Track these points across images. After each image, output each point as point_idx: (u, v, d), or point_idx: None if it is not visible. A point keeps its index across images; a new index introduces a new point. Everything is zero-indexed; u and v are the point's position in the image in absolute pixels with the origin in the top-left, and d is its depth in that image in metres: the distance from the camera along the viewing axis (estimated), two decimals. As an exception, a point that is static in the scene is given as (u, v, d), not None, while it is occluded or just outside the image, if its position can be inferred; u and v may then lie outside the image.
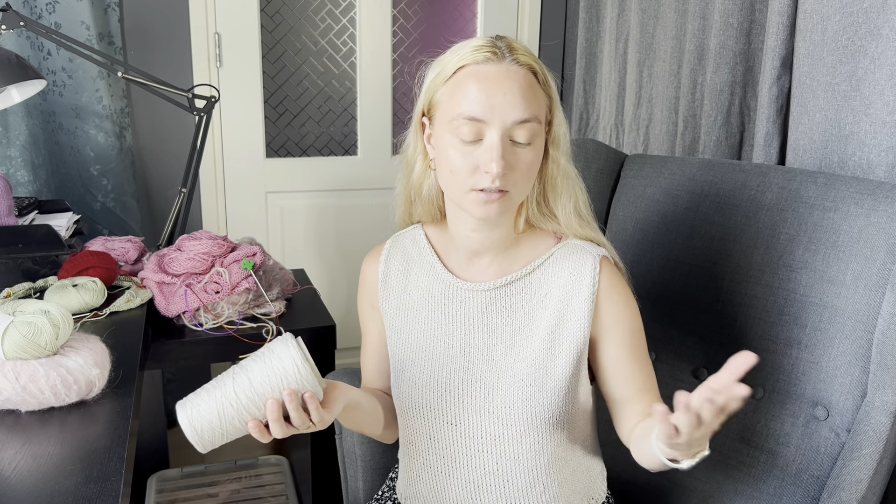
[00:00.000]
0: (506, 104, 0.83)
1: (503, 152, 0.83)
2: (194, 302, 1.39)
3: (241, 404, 0.80)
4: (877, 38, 1.17)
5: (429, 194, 0.96)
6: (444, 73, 0.88)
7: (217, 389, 0.81)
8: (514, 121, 0.84)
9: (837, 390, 1.02)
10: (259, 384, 0.80)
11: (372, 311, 1.05)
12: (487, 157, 0.83)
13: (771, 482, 1.06)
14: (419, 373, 0.98)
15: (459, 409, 0.95)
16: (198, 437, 0.80)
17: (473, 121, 0.84)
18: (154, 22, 2.06)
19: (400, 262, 1.02)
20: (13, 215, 1.52)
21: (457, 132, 0.85)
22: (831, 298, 1.03)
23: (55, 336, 0.89)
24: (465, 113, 0.84)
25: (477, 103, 0.83)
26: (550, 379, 0.92)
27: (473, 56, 0.85)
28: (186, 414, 0.80)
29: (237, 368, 0.83)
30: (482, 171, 0.84)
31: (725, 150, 1.64)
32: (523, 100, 0.84)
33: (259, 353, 0.84)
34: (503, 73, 0.84)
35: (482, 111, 0.83)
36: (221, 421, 0.80)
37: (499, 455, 0.95)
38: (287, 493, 1.85)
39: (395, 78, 2.38)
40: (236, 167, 2.26)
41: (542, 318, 0.94)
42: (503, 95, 0.83)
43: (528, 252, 0.96)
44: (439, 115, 0.88)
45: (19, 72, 1.50)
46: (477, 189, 0.85)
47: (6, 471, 0.74)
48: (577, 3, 2.37)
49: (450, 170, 0.86)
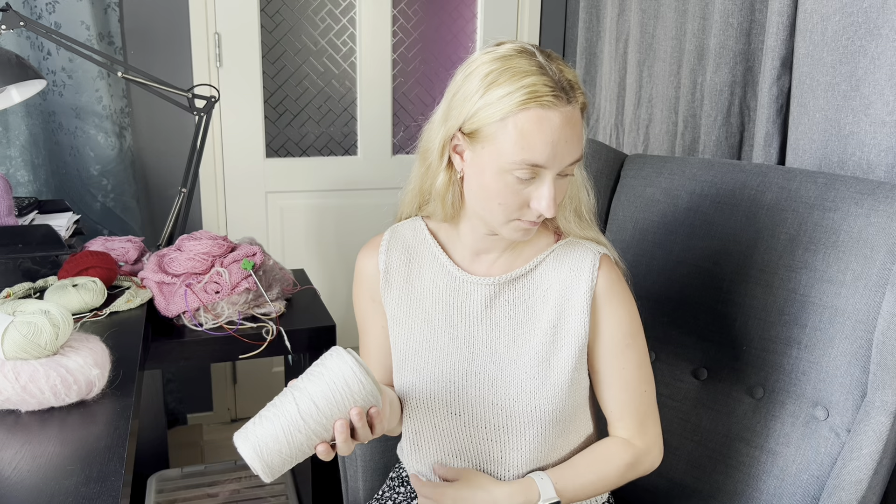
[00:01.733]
0: (566, 152, 0.83)
1: (555, 193, 0.85)
2: (194, 302, 1.39)
3: (310, 428, 0.78)
4: (877, 38, 1.17)
5: (452, 200, 0.93)
6: (500, 108, 0.81)
7: (281, 416, 0.78)
8: (569, 163, 0.85)
9: (837, 390, 1.02)
10: (325, 406, 0.78)
11: (373, 304, 1.04)
12: (544, 203, 0.84)
13: (771, 482, 1.06)
14: (423, 363, 0.98)
15: (463, 400, 0.96)
16: (267, 467, 0.78)
17: (535, 167, 0.83)
18: (154, 22, 2.06)
19: (401, 254, 1.02)
20: (13, 215, 1.52)
21: (515, 173, 0.83)
22: (831, 298, 1.03)
23: (55, 336, 0.89)
24: (528, 160, 0.82)
25: (542, 154, 0.82)
26: (553, 372, 0.93)
27: (537, 97, 0.80)
28: (251, 445, 0.77)
29: (296, 392, 0.80)
30: (532, 210, 0.86)
31: (725, 150, 1.64)
32: (578, 142, 0.84)
33: (315, 371, 0.81)
34: (567, 119, 0.82)
35: (546, 160, 0.82)
36: (291, 448, 0.78)
37: (502, 445, 0.96)
38: (287, 493, 1.85)
39: (395, 78, 2.38)
40: (236, 167, 2.26)
41: (543, 313, 0.95)
42: (566, 144, 0.83)
43: (530, 248, 0.98)
44: (490, 149, 0.83)
45: (19, 72, 1.50)
46: (521, 220, 0.87)
47: (6, 471, 0.74)
48: (577, 3, 2.37)
49: (498, 202, 0.86)
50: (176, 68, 2.11)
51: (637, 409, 0.97)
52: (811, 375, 1.05)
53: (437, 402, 0.98)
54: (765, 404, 1.09)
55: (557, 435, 0.96)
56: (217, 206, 2.26)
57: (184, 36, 2.10)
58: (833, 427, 1.02)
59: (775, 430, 1.07)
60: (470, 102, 0.84)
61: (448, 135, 0.87)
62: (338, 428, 0.79)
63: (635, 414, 0.97)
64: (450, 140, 0.88)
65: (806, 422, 1.05)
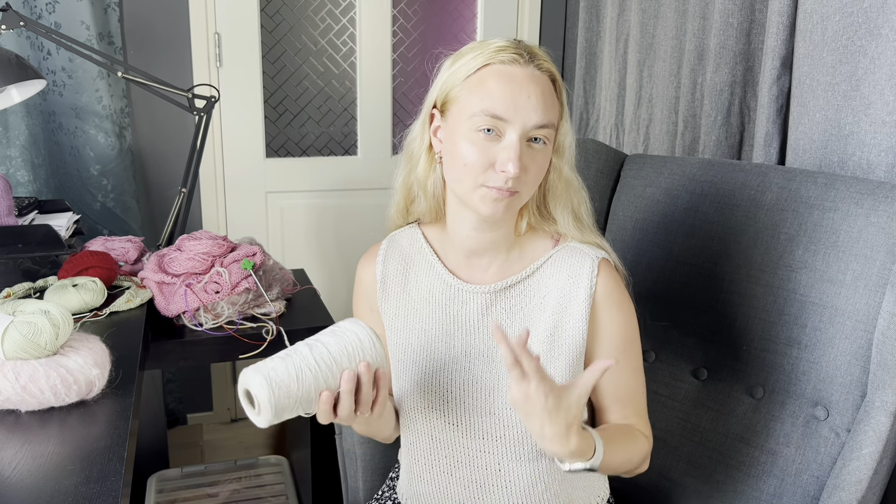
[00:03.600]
0: (528, 107, 0.84)
1: (521, 153, 0.84)
2: (194, 302, 1.39)
3: (320, 371, 0.79)
4: (877, 38, 1.17)
5: (433, 189, 0.95)
6: (464, 70, 0.87)
7: (293, 356, 0.80)
8: (534, 124, 0.84)
9: (837, 390, 1.02)
10: (337, 353, 0.80)
11: (371, 314, 1.04)
12: (505, 157, 0.84)
13: (771, 482, 1.06)
14: (421, 373, 0.97)
15: (461, 410, 0.95)
16: (273, 401, 0.77)
17: (495, 118, 0.84)
18: (154, 22, 2.06)
19: (398, 263, 1.01)
20: (13, 215, 1.52)
21: (477, 126, 0.85)
22: (831, 298, 1.03)
23: (55, 336, 0.89)
24: (488, 109, 0.84)
25: (501, 101, 0.84)
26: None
27: (498, 56, 0.86)
28: (263, 375, 0.77)
29: (309, 340, 0.82)
30: (497, 170, 0.85)
31: (725, 150, 1.64)
32: (544, 105, 0.85)
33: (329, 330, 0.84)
34: (528, 77, 0.85)
35: (505, 110, 0.84)
36: (299, 386, 0.78)
37: (501, 455, 0.95)
38: (287, 493, 1.85)
39: (395, 78, 2.38)
40: (236, 167, 2.26)
41: (541, 321, 0.94)
42: (527, 98, 0.84)
43: (527, 254, 0.96)
44: (455, 110, 0.88)
45: (19, 72, 1.50)
46: (488, 185, 0.85)
47: (6, 471, 0.74)
48: (577, 3, 2.37)
49: (463, 163, 0.86)
50: (176, 68, 2.11)
51: (633, 414, 0.97)
52: (811, 375, 1.05)
53: (434, 412, 0.97)
54: (765, 404, 1.09)
55: None
56: (217, 206, 2.26)
57: (184, 36, 2.10)
58: (833, 427, 1.02)
59: (775, 430, 1.07)
60: (441, 78, 0.90)
61: (426, 115, 0.93)
62: (345, 377, 0.81)
63: (631, 418, 0.97)
64: (429, 121, 0.92)
65: (806, 422, 1.05)
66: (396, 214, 1.03)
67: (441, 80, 0.90)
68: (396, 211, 1.03)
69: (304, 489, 1.72)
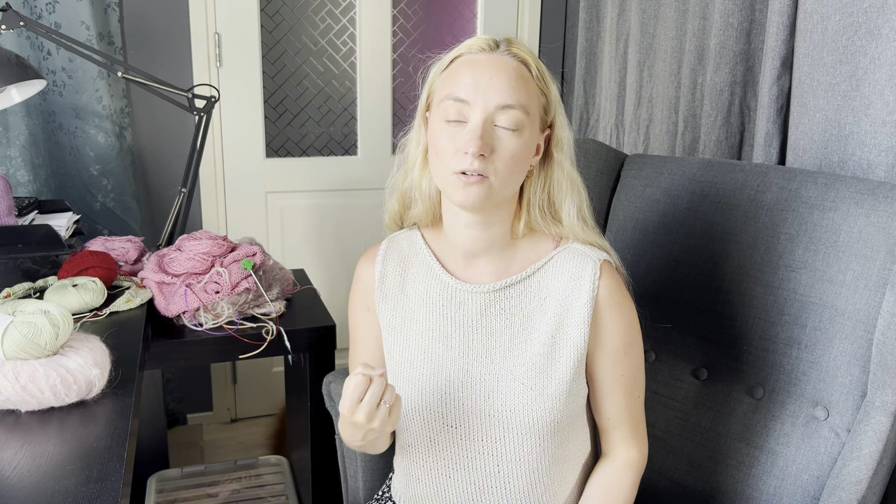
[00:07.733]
0: (490, 88, 0.86)
1: (482, 133, 0.85)
2: (194, 302, 1.39)
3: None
4: (877, 38, 1.17)
5: (429, 191, 0.96)
6: (441, 65, 0.92)
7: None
8: (496, 105, 0.85)
9: (837, 390, 1.02)
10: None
11: (367, 314, 1.04)
12: (467, 138, 0.85)
13: (771, 482, 1.06)
14: (418, 375, 0.97)
15: (459, 412, 0.95)
16: None
17: (458, 101, 0.86)
18: (154, 22, 2.06)
19: (397, 264, 1.01)
20: (13, 215, 1.52)
21: (443, 113, 0.87)
22: (831, 298, 1.03)
23: (55, 336, 0.89)
24: (451, 94, 0.87)
25: (463, 85, 0.87)
26: (551, 383, 0.91)
27: (469, 47, 0.90)
28: None
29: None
30: (460, 152, 0.85)
31: (725, 150, 1.64)
32: (509, 86, 0.86)
33: None
34: (493, 61, 0.88)
35: (467, 93, 0.86)
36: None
37: (500, 457, 0.94)
38: (287, 493, 1.85)
39: (395, 78, 2.38)
40: (236, 167, 2.26)
41: (541, 322, 0.93)
42: (489, 80, 0.86)
43: (526, 255, 0.96)
44: (434, 105, 0.91)
45: (19, 72, 1.50)
46: (458, 172, 0.86)
47: (6, 471, 0.74)
48: (577, 3, 2.37)
49: (436, 153, 0.89)
50: (176, 68, 2.11)
51: (633, 416, 0.97)
52: (811, 375, 1.05)
53: (432, 414, 0.96)
54: (765, 404, 1.09)
55: (556, 446, 0.94)
56: (217, 206, 2.26)
57: (184, 36, 2.10)
58: (833, 427, 1.02)
59: (775, 430, 1.07)
60: (429, 79, 0.94)
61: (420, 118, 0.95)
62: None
63: (631, 421, 0.97)
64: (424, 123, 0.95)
65: (806, 422, 1.05)
66: (390, 221, 1.05)
67: (427, 81, 0.94)
68: (390, 218, 1.04)
69: (304, 489, 1.72)
